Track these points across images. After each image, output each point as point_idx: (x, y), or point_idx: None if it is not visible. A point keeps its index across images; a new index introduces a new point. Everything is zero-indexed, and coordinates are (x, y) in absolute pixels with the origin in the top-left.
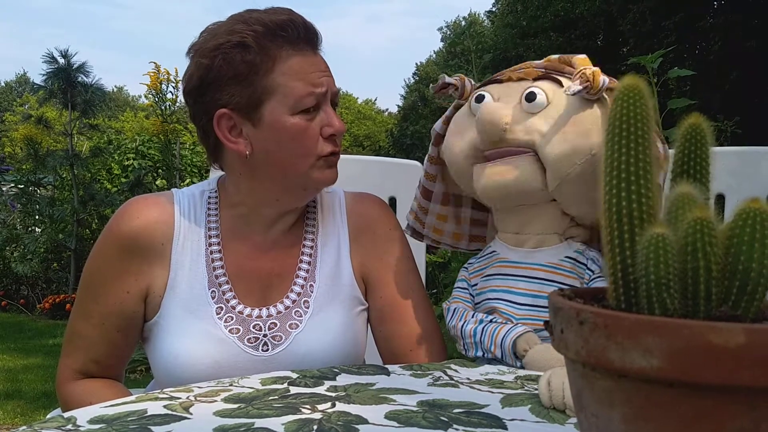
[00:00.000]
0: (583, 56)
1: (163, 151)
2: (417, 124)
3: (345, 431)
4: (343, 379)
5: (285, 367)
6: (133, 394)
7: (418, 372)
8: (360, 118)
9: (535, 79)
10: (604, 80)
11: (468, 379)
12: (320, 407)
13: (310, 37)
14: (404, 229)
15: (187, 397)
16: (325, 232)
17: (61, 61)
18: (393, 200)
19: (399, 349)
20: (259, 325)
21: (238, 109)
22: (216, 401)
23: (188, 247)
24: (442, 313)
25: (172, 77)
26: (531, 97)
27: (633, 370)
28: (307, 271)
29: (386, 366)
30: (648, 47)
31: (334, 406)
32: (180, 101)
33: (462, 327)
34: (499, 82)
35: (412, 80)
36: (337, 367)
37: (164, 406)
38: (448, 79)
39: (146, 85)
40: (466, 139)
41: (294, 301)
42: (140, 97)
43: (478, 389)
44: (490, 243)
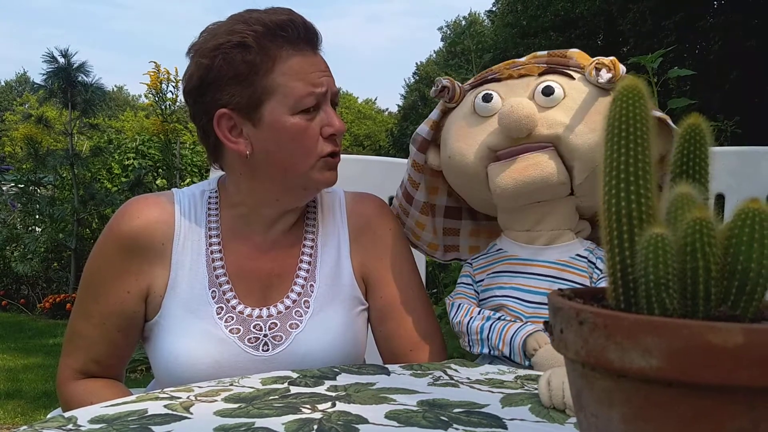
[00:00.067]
0: (576, 50)
1: (163, 150)
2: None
3: (345, 431)
4: (344, 379)
5: (285, 366)
6: (133, 394)
7: (418, 372)
8: (360, 118)
9: (540, 74)
10: (623, 68)
11: (468, 378)
12: (320, 407)
13: (310, 37)
14: None
15: (188, 397)
16: (325, 232)
17: (61, 60)
18: (393, 200)
19: (399, 348)
20: (259, 325)
21: (239, 109)
22: (216, 401)
23: (189, 247)
24: (443, 313)
25: (172, 77)
26: (548, 90)
27: (632, 370)
28: (308, 271)
29: (386, 366)
30: (648, 47)
31: (334, 405)
32: (180, 101)
33: (468, 323)
34: (497, 80)
35: (413, 80)
36: (338, 367)
37: (165, 406)
38: (444, 82)
39: (146, 84)
40: (479, 141)
41: (294, 301)
42: (140, 96)
43: (478, 389)
44: (495, 241)
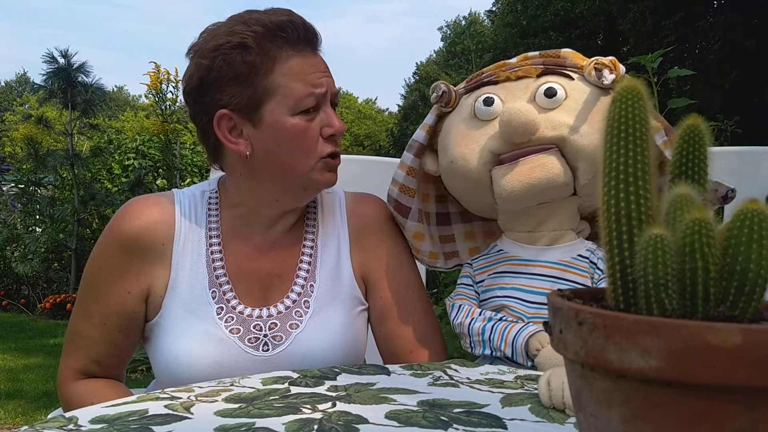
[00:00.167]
0: (570, 50)
1: (163, 150)
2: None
3: (345, 431)
4: (344, 379)
5: (285, 367)
6: (134, 394)
7: (419, 372)
8: (360, 118)
9: (538, 76)
10: (622, 68)
11: (468, 378)
12: (321, 407)
13: (310, 38)
14: None
15: (188, 397)
16: (325, 232)
17: (62, 60)
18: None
19: (399, 348)
20: (259, 325)
21: (239, 110)
22: (217, 401)
23: (189, 248)
24: (443, 313)
25: (172, 77)
26: (551, 92)
27: (631, 370)
28: (308, 271)
29: (386, 366)
30: (648, 47)
31: (334, 405)
32: (180, 101)
33: (469, 324)
34: (494, 83)
35: (413, 80)
36: (338, 367)
37: (165, 406)
38: (443, 87)
39: (146, 85)
40: (482, 145)
41: (294, 301)
42: (140, 96)
43: (478, 389)
44: (496, 242)
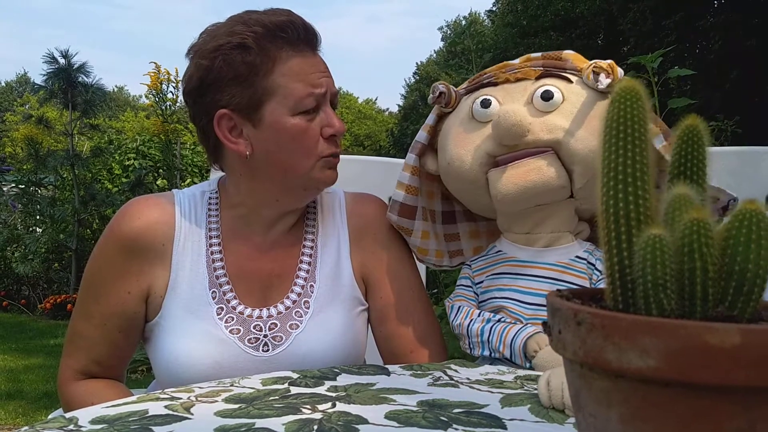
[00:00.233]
0: (572, 52)
1: (163, 151)
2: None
3: (345, 431)
4: (344, 379)
5: (285, 367)
6: (134, 395)
7: (418, 372)
8: (360, 118)
9: (537, 78)
10: (620, 71)
11: (468, 379)
12: (321, 407)
13: (310, 38)
14: None
15: (188, 398)
16: (325, 232)
17: (62, 61)
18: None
19: (399, 349)
20: (259, 325)
21: (239, 110)
22: (217, 401)
23: (189, 248)
24: (443, 313)
25: (172, 77)
26: (548, 95)
27: (630, 370)
28: (308, 271)
29: (386, 366)
30: (648, 46)
31: (334, 406)
32: (180, 101)
33: (468, 326)
34: (494, 84)
35: (413, 80)
36: (338, 368)
37: (165, 407)
38: (441, 87)
39: (147, 85)
40: (478, 146)
41: (294, 302)
42: (141, 97)
43: (478, 389)
44: (495, 243)
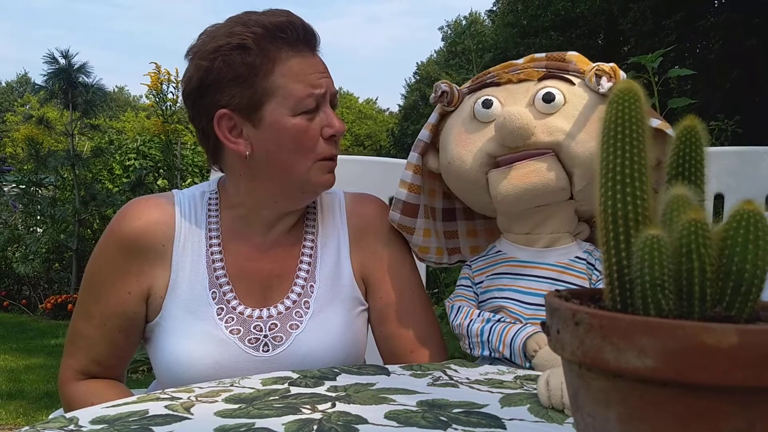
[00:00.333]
0: (575, 54)
1: (164, 151)
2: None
3: (345, 431)
4: (344, 380)
5: (285, 367)
6: (134, 395)
7: (418, 372)
8: (361, 118)
9: (540, 79)
10: (623, 75)
11: (467, 379)
12: (320, 407)
13: (309, 39)
14: None
15: (188, 398)
16: (324, 232)
17: (62, 61)
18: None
19: (399, 349)
20: (259, 325)
21: (239, 110)
22: (217, 401)
23: (189, 248)
24: (443, 313)
25: (172, 77)
26: (549, 97)
27: (628, 370)
28: (307, 271)
29: (386, 366)
30: (649, 46)
31: (334, 406)
32: (181, 101)
33: (468, 326)
34: (496, 84)
35: (413, 80)
36: (338, 368)
37: (165, 407)
38: (443, 87)
39: (147, 85)
40: (479, 146)
41: (294, 302)
42: (141, 97)
43: (478, 389)
44: (495, 243)
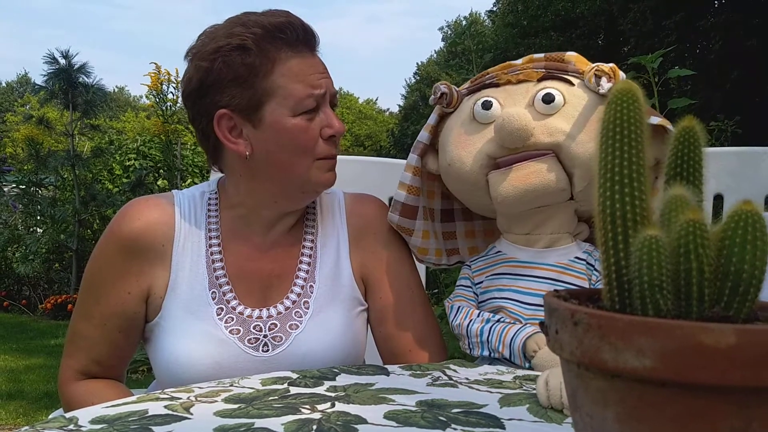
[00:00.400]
0: (574, 54)
1: (164, 151)
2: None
3: (344, 431)
4: (343, 380)
5: (285, 367)
6: (134, 395)
7: (418, 372)
8: (361, 118)
9: (539, 80)
10: (622, 75)
11: (467, 379)
12: (320, 407)
13: (309, 39)
14: None
15: (188, 398)
16: (324, 233)
17: (62, 61)
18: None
19: (399, 349)
20: (259, 325)
21: (239, 110)
22: (216, 401)
23: (189, 248)
24: (443, 313)
25: (172, 78)
26: (549, 98)
27: (626, 370)
28: (307, 271)
29: (386, 366)
30: (649, 46)
31: (333, 406)
32: (181, 102)
33: (468, 326)
34: (496, 85)
35: (413, 80)
36: (337, 368)
37: (165, 407)
38: (443, 88)
39: (147, 85)
40: (478, 148)
41: (294, 302)
42: (141, 97)
43: (477, 389)
44: (494, 243)
